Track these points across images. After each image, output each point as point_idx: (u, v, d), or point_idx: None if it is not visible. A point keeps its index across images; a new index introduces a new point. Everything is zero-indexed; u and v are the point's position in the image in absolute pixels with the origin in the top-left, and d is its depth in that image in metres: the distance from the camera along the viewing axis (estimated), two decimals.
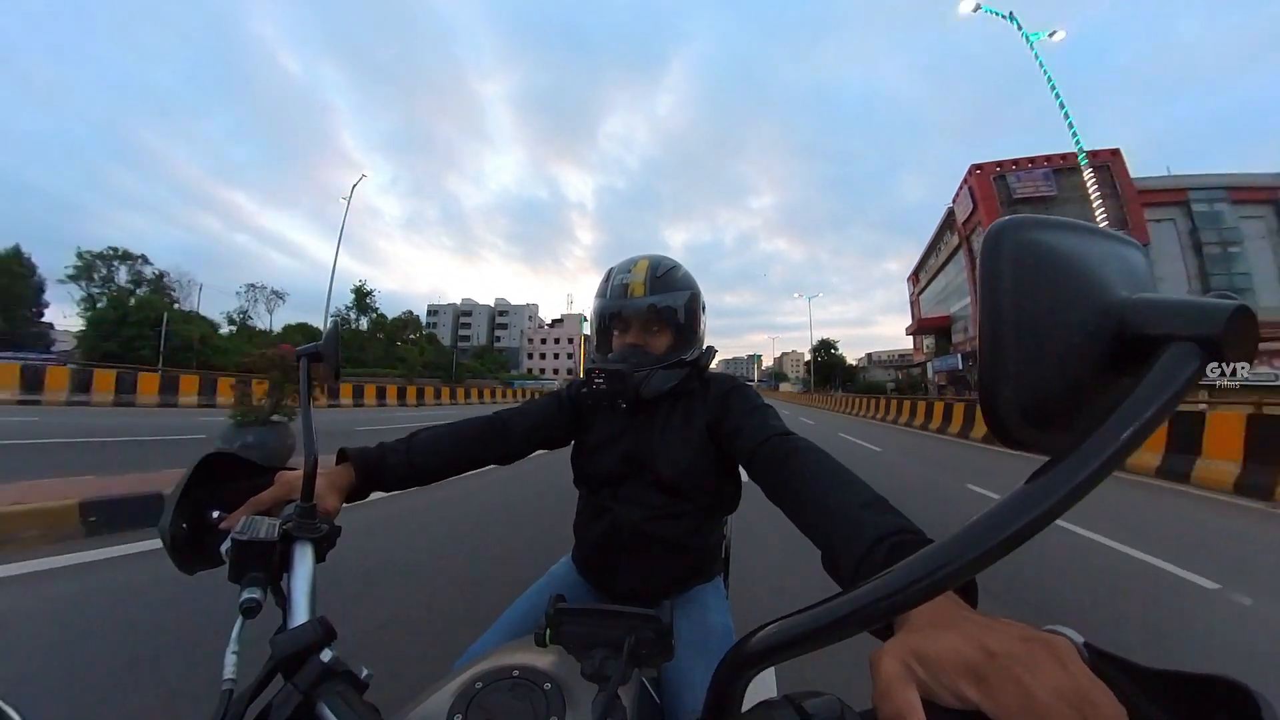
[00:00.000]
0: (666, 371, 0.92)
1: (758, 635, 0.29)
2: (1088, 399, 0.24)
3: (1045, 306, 0.23)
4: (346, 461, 0.73)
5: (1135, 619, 2.47)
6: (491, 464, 0.92)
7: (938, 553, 0.23)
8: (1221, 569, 3.11)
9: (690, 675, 0.73)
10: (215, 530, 0.59)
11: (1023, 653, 0.24)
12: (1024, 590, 2.72)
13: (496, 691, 0.45)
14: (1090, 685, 0.23)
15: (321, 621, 0.49)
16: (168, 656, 1.79)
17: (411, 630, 2.10)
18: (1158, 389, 0.21)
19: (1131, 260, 0.26)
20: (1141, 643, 2.21)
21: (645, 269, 0.95)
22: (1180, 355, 0.21)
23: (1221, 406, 9.61)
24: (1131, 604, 2.65)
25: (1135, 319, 0.23)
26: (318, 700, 0.45)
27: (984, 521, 0.22)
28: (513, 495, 4.75)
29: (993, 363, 0.23)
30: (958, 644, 0.26)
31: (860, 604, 0.25)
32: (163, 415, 10.94)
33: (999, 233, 0.24)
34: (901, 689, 0.25)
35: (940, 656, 0.26)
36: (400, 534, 3.45)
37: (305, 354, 0.66)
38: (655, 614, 0.43)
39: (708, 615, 0.88)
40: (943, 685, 0.25)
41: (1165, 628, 2.38)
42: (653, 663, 0.43)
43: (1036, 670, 0.23)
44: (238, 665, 0.47)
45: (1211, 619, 2.47)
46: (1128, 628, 2.37)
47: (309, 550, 0.57)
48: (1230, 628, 2.38)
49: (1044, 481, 0.22)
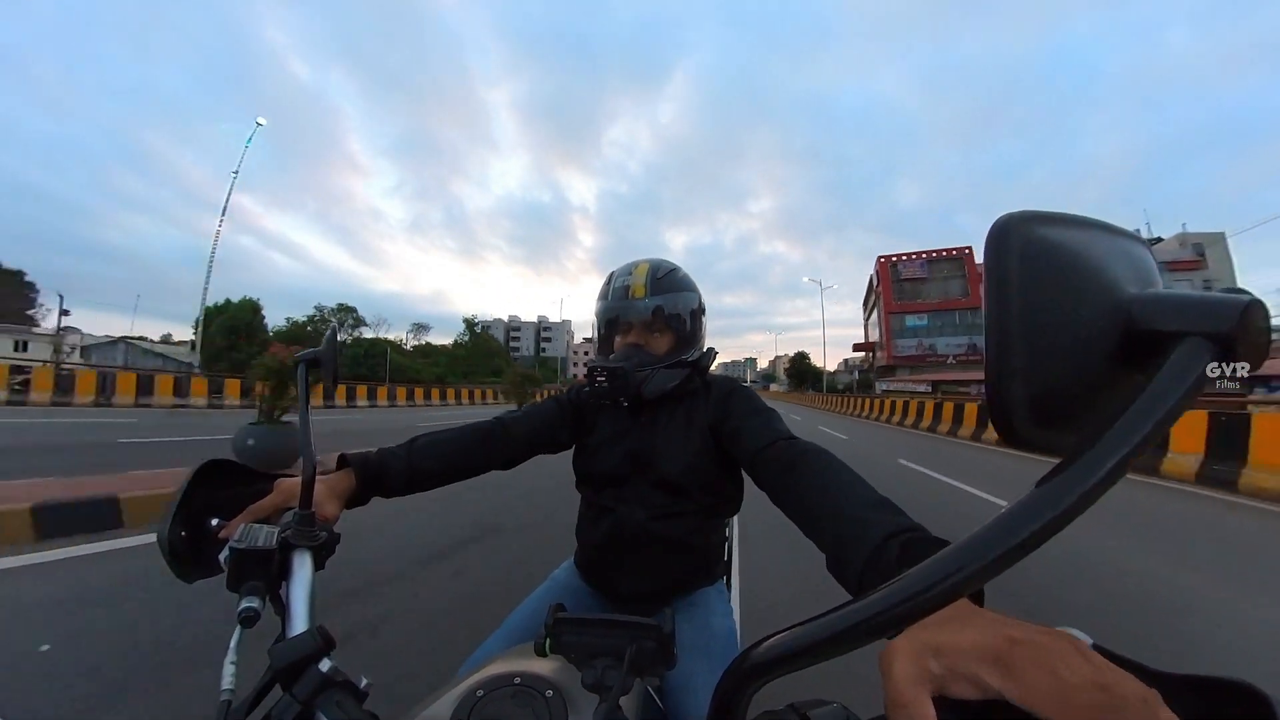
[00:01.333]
0: (668, 371, 0.92)
1: (763, 645, 0.29)
2: (1097, 397, 0.23)
3: (1053, 302, 0.22)
4: (347, 467, 0.73)
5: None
6: (493, 469, 0.91)
7: (952, 557, 0.22)
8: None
9: (693, 680, 0.73)
10: (214, 538, 0.58)
11: (1047, 641, 0.24)
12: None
13: (498, 699, 0.45)
14: (1115, 670, 0.22)
15: (320, 631, 0.48)
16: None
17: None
18: (1171, 386, 0.20)
19: (1139, 256, 0.25)
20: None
21: (646, 271, 0.96)
22: (1193, 351, 0.20)
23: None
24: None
25: (1145, 315, 0.22)
26: (317, 710, 0.44)
27: (999, 524, 0.21)
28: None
29: (1000, 360, 0.22)
30: (977, 636, 0.25)
31: (872, 612, 0.24)
32: (407, 412, 18.60)
33: (1004, 227, 0.23)
34: (916, 694, 0.25)
35: (960, 648, 0.25)
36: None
37: (304, 360, 0.66)
38: (656, 623, 0.42)
39: (711, 619, 0.88)
40: (961, 676, 0.24)
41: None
42: (654, 672, 0.42)
43: (1063, 656, 0.23)
44: (236, 675, 0.46)
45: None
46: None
47: (308, 558, 0.56)
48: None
49: (1059, 482, 0.21)
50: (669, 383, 0.92)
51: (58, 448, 6.06)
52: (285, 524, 0.58)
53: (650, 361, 0.92)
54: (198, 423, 10.00)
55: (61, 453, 5.68)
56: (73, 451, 5.79)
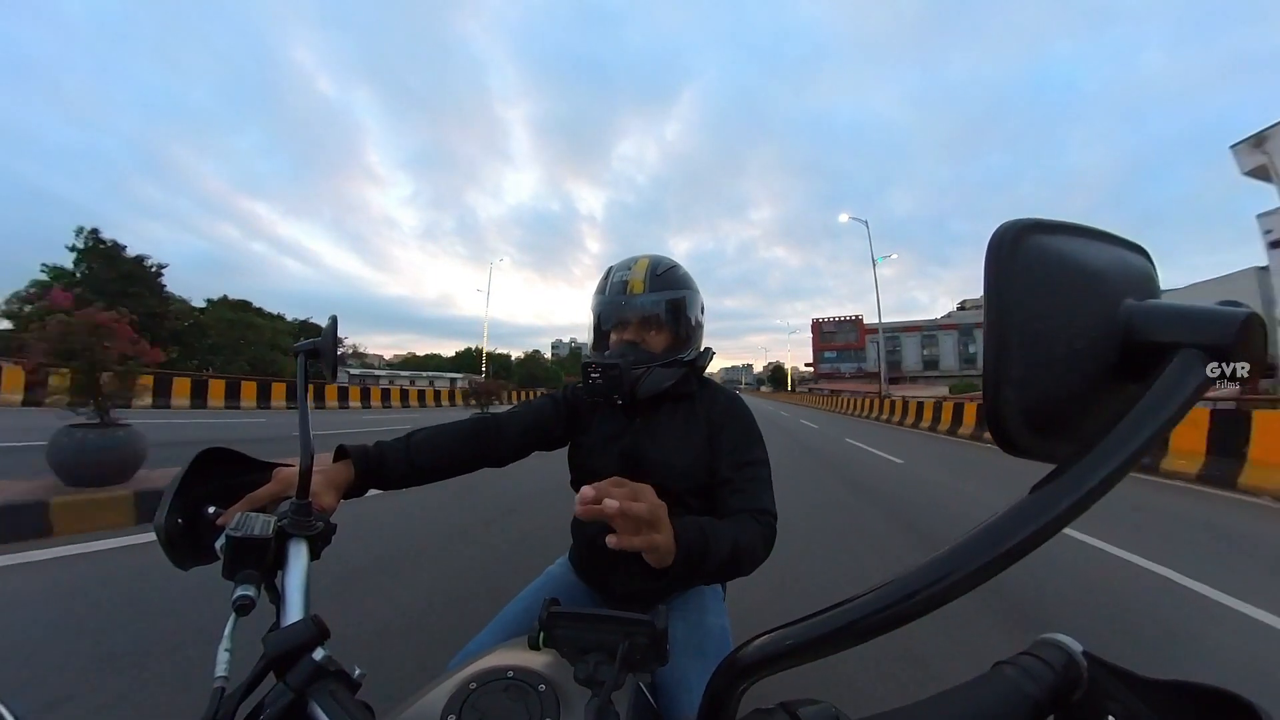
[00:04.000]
0: (664, 370, 0.90)
1: (753, 644, 0.29)
2: (1093, 406, 0.23)
3: (1051, 311, 0.22)
4: (345, 458, 0.73)
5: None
6: (488, 465, 0.91)
7: (942, 562, 0.22)
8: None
9: (687, 678, 0.73)
10: (211, 526, 0.58)
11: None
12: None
13: (491, 693, 0.45)
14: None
15: (315, 620, 0.49)
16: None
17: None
18: (1166, 397, 0.20)
19: (1138, 266, 0.25)
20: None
21: (645, 267, 0.94)
22: (1189, 363, 0.20)
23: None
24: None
25: (1143, 325, 0.22)
26: (310, 699, 0.44)
27: (989, 530, 0.21)
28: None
29: (997, 367, 0.22)
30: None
31: (860, 615, 0.24)
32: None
33: (1004, 236, 0.23)
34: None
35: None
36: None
37: (303, 350, 0.66)
38: (650, 620, 0.42)
39: (705, 617, 0.88)
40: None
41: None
42: (646, 668, 0.42)
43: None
44: (230, 663, 0.47)
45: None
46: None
47: (303, 548, 0.56)
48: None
49: (1051, 490, 0.21)
50: (664, 382, 0.91)
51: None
52: (282, 513, 0.57)
53: (646, 359, 0.90)
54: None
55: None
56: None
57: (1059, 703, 0.27)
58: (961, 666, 1.95)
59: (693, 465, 0.89)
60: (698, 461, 0.89)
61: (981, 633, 2.21)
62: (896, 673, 1.89)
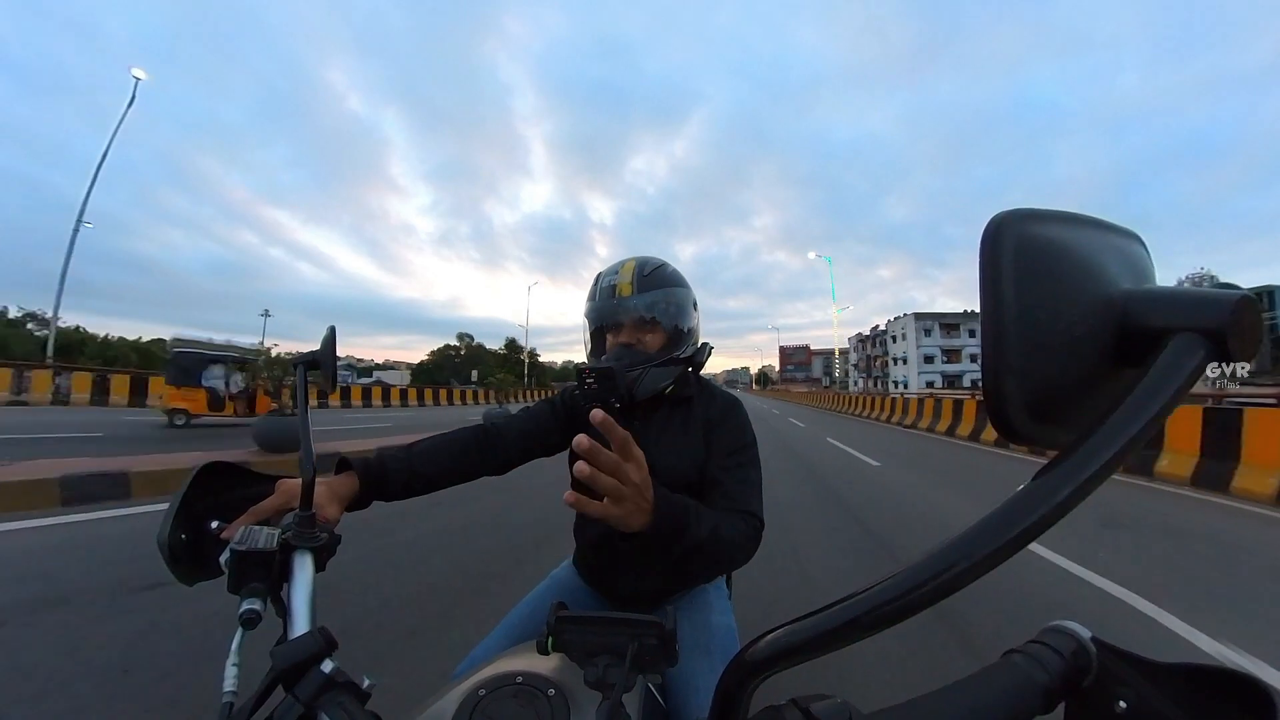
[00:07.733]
0: (660, 370, 0.90)
1: (763, 641, 0.29)
2: (1092, 393, 0.23)
3: (1047, 299, 0.22)
4: (348, 470, 0.72)
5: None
6: (488, 473, 0.90)
7: (950, 550, 0.22)
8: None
9: (695, 678, 0.73)
10: (215, 540, 0.58)
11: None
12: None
13: (500, 699, 0.45)
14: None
15: (322, 632, 0.48)
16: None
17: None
18: (1163, 382, 0.20)
19: (1133, 252, 0.25)
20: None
21: (632, 269, 0.93)
22: (1185, 347, 0.20)
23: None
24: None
25: (1138, 311, 0.22)
26: (319, 712, 0.44)
27: (996, 517, 0.22)
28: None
29: (995, 358, 0.22)
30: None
31: (870, 606, 0.24)
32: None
33: (999, 226, 0.23)
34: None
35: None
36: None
37: (302, 362, 0.66)
38: (658, 621, 0.42)
39: (710, 616, 0.88)
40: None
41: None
42: (656, 669, 0.42)
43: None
44: (238, 677, 0.46)
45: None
46: None
47: (308, 560, 0.56)
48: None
49: (1052, 476, 0.21)
50: (662, 381, 0.90)
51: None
52: (286, 526, 0.57)
53: (642, 360, 0.89)
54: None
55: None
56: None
57: (1070, 689, 0.27)
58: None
59: (691, 468, 0.88)
60: (696, 464, 0.89)
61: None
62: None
